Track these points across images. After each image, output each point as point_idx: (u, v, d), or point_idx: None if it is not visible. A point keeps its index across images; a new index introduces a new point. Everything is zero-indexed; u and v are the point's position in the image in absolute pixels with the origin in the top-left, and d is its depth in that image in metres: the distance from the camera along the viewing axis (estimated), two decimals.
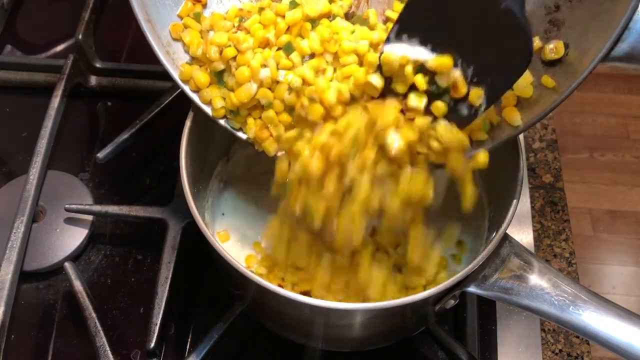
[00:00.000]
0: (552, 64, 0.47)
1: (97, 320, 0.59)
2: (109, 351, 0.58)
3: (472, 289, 0.51)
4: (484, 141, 0.50)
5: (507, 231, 0.52)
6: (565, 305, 0.48)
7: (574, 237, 0.72)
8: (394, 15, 0.54)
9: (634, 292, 1.56)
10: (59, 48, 0.86)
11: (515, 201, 0.52)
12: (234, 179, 0.66)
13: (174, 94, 0.72)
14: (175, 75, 0.54)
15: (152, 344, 0.58)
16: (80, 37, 0.77)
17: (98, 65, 0.79)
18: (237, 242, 0.63)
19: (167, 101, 0.72)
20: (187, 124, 0.55)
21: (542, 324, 0.65)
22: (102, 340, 0.58)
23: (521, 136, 0.54)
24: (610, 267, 1.60)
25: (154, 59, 0.53)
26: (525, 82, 0.48)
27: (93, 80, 0.80)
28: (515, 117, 0.48)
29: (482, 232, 0.60)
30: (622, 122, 1.84)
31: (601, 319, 0.47)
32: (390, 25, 0.53)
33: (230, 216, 0.65)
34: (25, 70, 0.80)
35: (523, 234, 0.69)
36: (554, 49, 0.47)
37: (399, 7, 0.55)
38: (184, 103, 0.57)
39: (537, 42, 0.48)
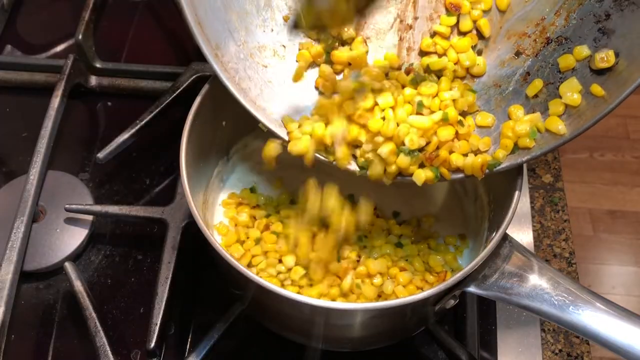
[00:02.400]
0: (601, 72, 0.47)
1: (97, 320, 0.59)
2: (109, 351, 0.58)
3: (472, 289, 0.51)
4: (530, 148, 0.50)
5: (507, 231, 0.52)
6: (565, 305, 0.48)
7: (574, 237, 0.72)
8: (442, 29, 0.55)
9: (634, 292, 1.56)
10: (59, 48, 0.86)
11: (515, 201, 0.52)
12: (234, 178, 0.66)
13: (174, 94, 0.72)
14: (224, 78, 0.52)
15: (152, 344, 0.58)
16: (80, 37, 0.77)
17: (98, 65, 0.79)
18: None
19: (167, 101, 0.72)
20: (187, 124, 0.55)
21: (542, 324, 0.65)
22: (102, 340, 0.58)
23: None
24: (610, 267, 1.60)
25: (154, 59, 0.53)
26: (574, 90, 0.48)
27: (93, 80, 0.80)
28: (560, 126, 0.48)
29: (482, 232, 0.60)
30: (622, 122, 1.84)
31: (601, 319, 0.47)
32: (439, 40, 0.55)
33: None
34: (26, 70, 0.80)
35: (523, 234, 0.69)
36: (604, 57, 0.47)
37: (447, 20, 0.55)
38: (184, 103, 0.57)
39: (586, 51, 0.48)
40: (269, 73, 0.56)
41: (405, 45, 0.57)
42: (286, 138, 0.54)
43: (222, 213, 0.64)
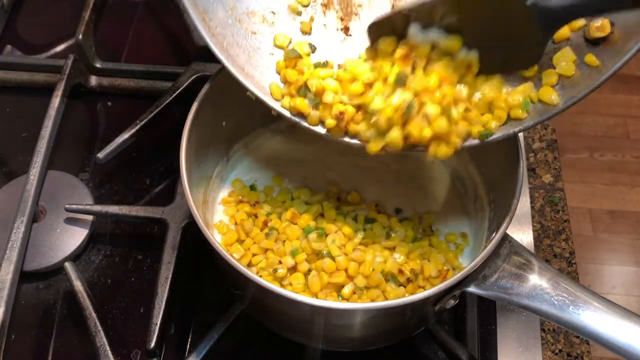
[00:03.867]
0: (596, 42, 0.47)
1: (97, 320, 0.59)
2: (109, 351, 0.58)
3: (472, 288, 0.51)
4: (522, 119, 0.50)
5: (507, 231, 0.51)
6: (565, 305, 0.48)
7: (574, 237, 0.72)
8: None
9: (634, 292, 1.56)
10: (59, 48, 0.86)
11: (515, 201, 0.52)
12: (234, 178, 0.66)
13: (174, 94, 0.72)
14: (211, 43, 0.52)
15: (152, 344, 0.58)
16: (80, 37, 0.77)
17: (98, 65, 0.79)
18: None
19: (167, 101, 0.72)
20: (187, 124, 0.55)
21: (542, 324, 0.65)
22: (102, 340, 0.58)
23: (521, 136, 0.55)
24: (610, 267, 1.60)
25: (154, 59, 0.53)
26: (568, 60, 0.48)
27: (93, 80, 0.80)
28: (553, 96, 0.48)
29: (483, 232, 0.60)
30: (621, 122, 1.84)
31: (601, 319, 0.47)
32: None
33: None
34: (26, 70, 0.80)
35: (523, 234, 0.69)
36: (600, 27, 0.46)
37: None
38: (184, 103, 0.57)
39: (581, 20, 0.48)
40: (258, 40, 0.55)
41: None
42: (274, 107, 0.54)
43: (222, 212, 0.64)
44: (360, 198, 0.64)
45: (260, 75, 0.54)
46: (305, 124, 0.54)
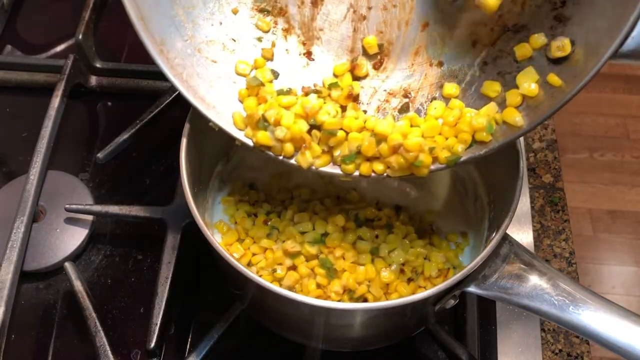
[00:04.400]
0: (558, 61, 0.46)
1: (97, 320, 0.59)
2: (109, 351, 0.58)
3: (472, 289, 0.51)
4: (487, 142, 0.49)
5: (507, 231, 0.51)
6: (565, 305, 0.48)
7: (574, 237, 0.72)
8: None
9: (634, 292, 1.56)
10: (59, 48, 0.86)
11: (515, 201, 0.52)
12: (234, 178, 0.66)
13: (174, 94, 0.72)
14: (170, 75, 0.51)
15: (152, 344, 0.58)
16: (80, 37, 0.77)
17: (98, 65, 0.79)
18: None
19: (167, 101, 0.72)
20: (187, 124, 0.55)
21: (542, 324, 0.65)
22: (102, 340, 0.58)
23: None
24: (610, 267, 1.60)
25: None
26: (531, 80, 0.47)
27: (93, 80, 0.80)
28: (517, 118, 0.47)
29: (483, 232, 0.60)
30: (622, 122, 1.84)
31: (601, 319, 0.47)
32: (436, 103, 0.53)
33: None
34: (26, 70, 0.80)
35: (523, 234, 0.70)
36: (560, 45, 0.46)
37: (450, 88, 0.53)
38: (184, 103, 0.57)
39: (542, 39, 0.47)
40: (219, 68, 0.54)
41: (360, 36, 0.55)
42: (238, 136, 0.52)
43: (222, 211, 0.64)
44: (360, 197, 0.64)
45: (223, 105, 0.53)
46: (271, 154, 0.52)
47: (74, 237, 0.67)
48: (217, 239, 0.53)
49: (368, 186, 0.65)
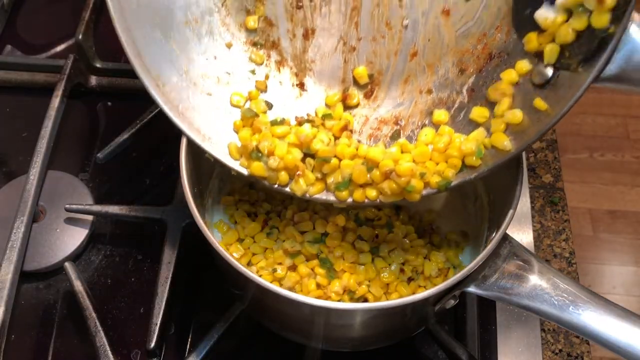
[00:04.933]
0: (542, 86, 0.47)
1: (97, 320, 0.59)
2: (109, 351, 0.58)
3: (472, 289, 0.51)
4: (477, 167, 0.50)
5: (507, 231, 0.52)
6: (565, 305, 0.48)
7: (574, 237, 0.72)
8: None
9: (634, 292, 1.56)
10: (59, 48, 0.86)
11: (515, 201, 0.52)
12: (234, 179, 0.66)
13: None
14: (166, 109, 0.51)
15: (152, 344, 0.58)
16: (80, 37, 0.77)
17: (98, 65, 0.79)
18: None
19: None
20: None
21: (542, 324, 0.65)
22: (102, 340, 0.58)
23: None
24: (610, 267, 1.60)
25: None
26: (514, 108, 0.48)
27: (93, 80, 0.80)
28: (506, 142, 0.48)
29: (482, 232, 0.60)
30: (622, 122, 1.84)
31: (601, 319, 0.47)
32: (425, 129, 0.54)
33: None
34: (26, 70, 0.80)
35: (523, 234, 0.70)
36: (542, 71, 0.47)
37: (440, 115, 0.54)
38: None
39: (527, 65, 0.48)
40: (214, 101, 0.54)
41: (351, 67, 0.56)
42: (234, 167, 0.53)
43: (222, 211, 0.64)
44: None
45: (219, 136, 0.53)
46: (266, 183, 0.52)
47: (74, 237, 0.67)
48: (217, 239, 0.53)
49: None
